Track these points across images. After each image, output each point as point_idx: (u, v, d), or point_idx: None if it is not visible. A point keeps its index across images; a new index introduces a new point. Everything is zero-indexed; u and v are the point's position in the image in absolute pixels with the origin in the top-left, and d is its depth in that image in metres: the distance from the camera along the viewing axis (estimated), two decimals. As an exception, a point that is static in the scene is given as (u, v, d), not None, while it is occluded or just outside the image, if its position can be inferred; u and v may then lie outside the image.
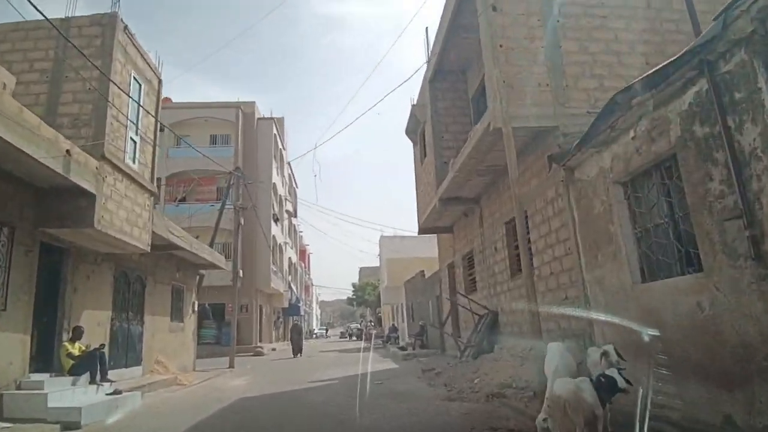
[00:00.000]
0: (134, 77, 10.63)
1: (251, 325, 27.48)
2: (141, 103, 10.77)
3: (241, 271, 19.57)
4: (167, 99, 32.58)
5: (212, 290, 27.59)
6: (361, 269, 73.18)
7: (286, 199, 36.09)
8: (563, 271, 7.79)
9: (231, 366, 17.54)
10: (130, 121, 10.33)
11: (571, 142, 7.34)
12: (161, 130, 12.82)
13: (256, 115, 31.24)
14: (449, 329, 16.16)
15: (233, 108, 30.29)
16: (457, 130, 12.82)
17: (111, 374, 10.15)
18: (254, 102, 31.29)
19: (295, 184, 43.75)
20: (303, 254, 51.91)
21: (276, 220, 31.38)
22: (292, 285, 38.21)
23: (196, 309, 16.99)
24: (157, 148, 11.46)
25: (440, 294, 17.65)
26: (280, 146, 34.33)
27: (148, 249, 10.84)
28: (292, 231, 41.27)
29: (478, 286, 12.71)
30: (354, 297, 53.47)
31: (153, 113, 11.19)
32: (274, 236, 30.71)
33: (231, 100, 31.01)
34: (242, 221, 19.96)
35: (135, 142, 10.54)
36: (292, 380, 12.91)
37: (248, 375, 15.16)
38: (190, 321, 16.43)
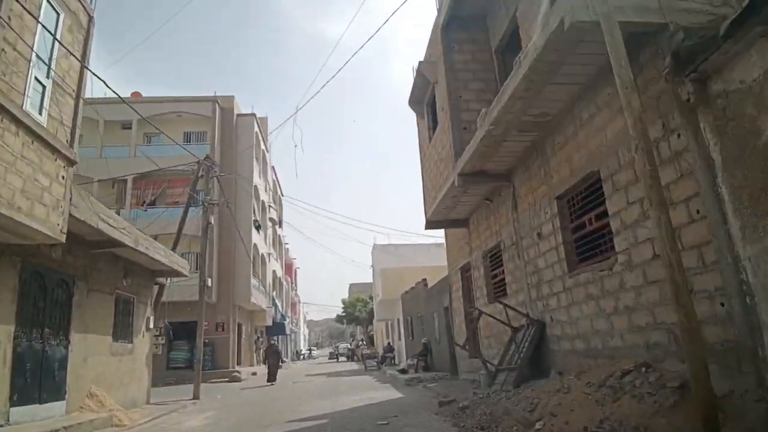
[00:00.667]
0: (49, 1, 7.71)
1: (228, 346, 24.17)
2: (59, 37, 7.82)
3: (209, 280, 16.44)
4: (137, 93, 29.65)
5: (183, 306, 24.34)
6: (352, 285, 70.00)
7: (269, 206, 33.05)
8: (686, 248, 4.90)
9: (195, 397, 14.29)
10: (37, 55, 7.37)
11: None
12: (128, 127, 9.98)
13: (236, 111, 28.35)
14: (466, 348, 13.17)
15: (210, 102, 27.42)
16: (478, 89, 10.04)
17: (14, 413, 7.12)
18: (233, 96, 28.45)
19: (280, 191, 40.73)
20: (289, 269, 48.62)
21: (258, 228, 28.29)
22: (276, 301, 34.94)
23: (151, 326, 13.79)
24: (81, 102, 8.45)
25: (450, 304, 14.67)
26: (263, 147, 31.41)
27: (62, 238, 7.78)
28: (277, 242, 38.12)
29: (510, 289, 9.79)
30: (344, 314, 50.05)
31: (76, 55, 8.22)
32: (255, 245, 27.59)
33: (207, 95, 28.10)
34: (212, 220, 16.91)
35: (43, 87, 7.56)
36: (266, 418, 9.79)
37: (213, 410, 11.96)
38: (144, 341, 13.22)
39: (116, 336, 11.63)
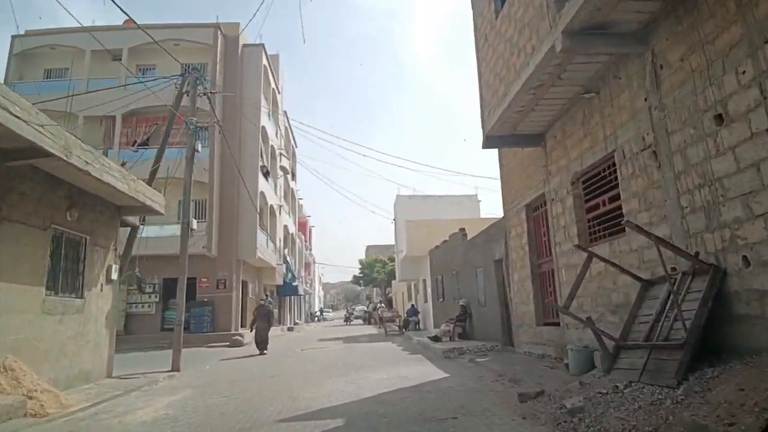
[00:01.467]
0: None
1: (230, 306, 21.20)
2: None
3: (194, 222, 13.13)
4: (129, 21, 26.00)
5: (176, 260, 21.37)
6: (369, 247, 67.07)
7: (280, 153, 29.59)
8: None
9: (174, 369, 11.19)
10: None
11: None
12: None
13: (241, 41, 24.54)
14: (521, 310, 9.77)
15: (211, 28, 23.64)
16: None
17: None
18: (238, 23, 24.56)
19: (294, 141, 37.17)
20: (303, 227, 45.53)
21: (266, 175, 24.90)
22: (288, 259, 31.92)
23: (114, 277, 10.58)
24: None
25: (506, 256, 11.18)
26: (273, 85, 27.68)
27: None
28: (290, 195, 34.82)
29: (637, 220, 6.16)
30: (361, 275, 47.12)
31: None
32: (263, 194, 24.27)
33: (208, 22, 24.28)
34: (198, 147, 13.73)
35: None
36: (259, 405, 6.57)
37: (191, 388, 8.80)
38: (103, 297, 10.05)
39: (54, 288, 8.43)
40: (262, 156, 25.14)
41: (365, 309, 52.25)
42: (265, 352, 15.18)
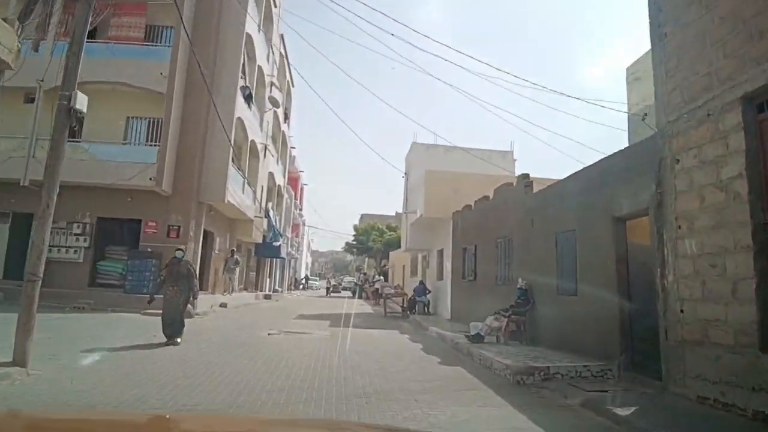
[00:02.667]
0: None
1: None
2: None
3: (83, 100, 7.42)
4: None
5: (119, 195, 16.02)
6: (363, 216, 61.78)
7: (272, 84, 23.89)
8: None
9: (17, 361, 5.87)
10: None
11: None
12: None
13: None
14: (701, 313, 4.48)
15: None
16: None
17: None
18: None
19: (290, 77, 31.36)
20: (294, 182, 40.00)
21: (248, 98, 19.28)
22: (271, 213, 26.56)
23: None
24: None
25: (660, 205, 5.85)
26: (267, -9, 21.82)
27: None
28: (280, 140, 29.21)
29: None
30: (354, 243, 41.90)
31: None
32: (241, 122, 18.72)
33: None
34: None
35: None
36: None
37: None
38: None
39: None
40: (244, 73, 19.48)
41: (355, 281, 47.31)
42: (178, 341, 8.51)
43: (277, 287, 31.68)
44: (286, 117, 30.69)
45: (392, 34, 13.77)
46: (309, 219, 62.27)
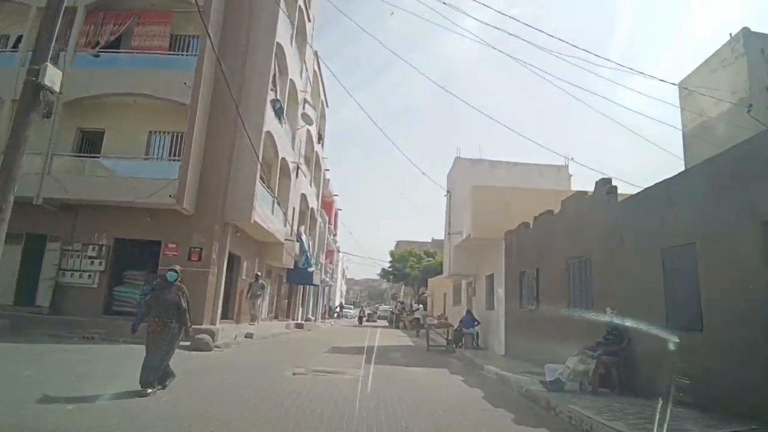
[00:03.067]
0: None
1: (204, 287, 14.35)
2: None
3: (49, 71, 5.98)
4: None
5: (138, 215, 14.85)
6: (399, 242, 59.88)
7: (305, 101, 22.75)
8: None
9: None
10: None
11: None
12: None
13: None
14: None
15: None
16: None
17: None
18: None
19: (324, 97, 30.38)
20: (329, 207, 38.74)
21: (278, 112, 18.04)
22: (304, 237, 25.11)
23: None
24: None
25: None
26: (301, 2, 20.83)
27: None
28: (314, 162, 28.01)
29: None
30: (390, 269, 40.00)
31: None
32: (271, 138, 17.44)
33: None
34: None
35: None
36: None
37: None
38: None
39: None
40: (275, 86, 18.33)
41: (391, 310, 45.17)
42: (158, 388, 6.41)
43: (309, 316, 30.00)
44: (320, 138, 29.53)
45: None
46: (343, 245, 60.93)
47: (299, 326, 24.83)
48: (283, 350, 13.48)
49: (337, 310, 54.30)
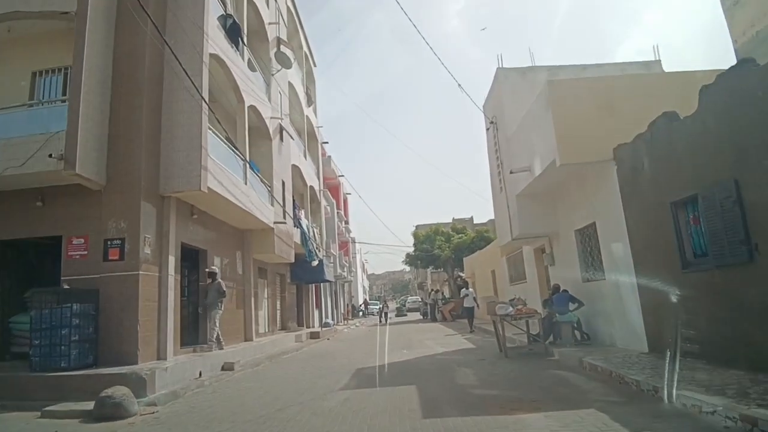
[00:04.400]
0: None
1: (134, 301, 8.74)
2: None
3: None
4: None
5: (19, 199, 9.01)
6: (418, 227, 54.06)
7: (279, 40, 17.00)
8: None
9: None
10: None
11: None
12: None
13: None
14: None
15: None
16: None
17: None
18: None
19: (310, 54, 24.62)
20: (335, 192, 33.09)
21: (232, 32, 12.30)
22: (304, 223, 19.50)
23: None
24: None
25: None
26: None
27: None
28: (305, 127, 22.31)
29: None
30: (416, 254, 34.23)
31: None
32: (222, 65, 11.77)
33: None
34: None
35: None
36: None
37: None
38: None
39: None
40: (224, 2, 12.62)
41: (423, 300, 39.46)
42: None
43: (327, 320, 24.43)
44: (310, 100, 23.81)
45: None
46: (358, 237, 55.22)
47: (314, 335, 19.25)
48: (270, 391, 7.83)
49: (362, 308, 48.77)
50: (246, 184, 12.54)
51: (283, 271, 19.26)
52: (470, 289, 16.98)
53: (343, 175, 34.26)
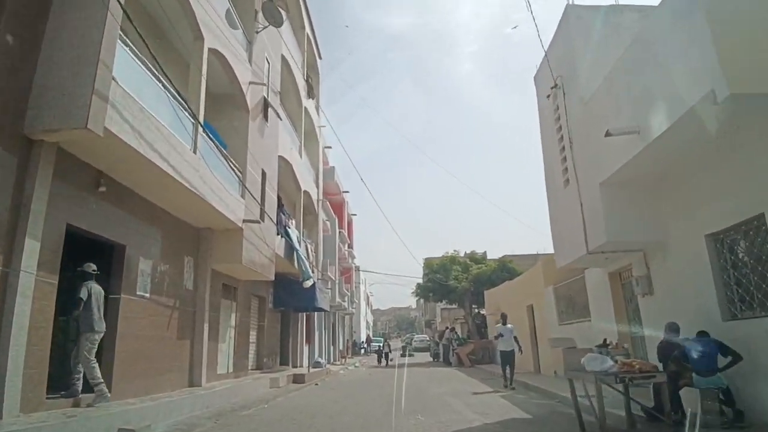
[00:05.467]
0: None
1: None
2: None
3: None
4: None
5: None
6: (427, 260, 49.17)
7: None
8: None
9: None
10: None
11: None
12: None
13: None
14: None
15: None
16: None
17: None
18: None
19: (314, 39, 21.16)
20: (339, 210, 29.09)
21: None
22: (294, 234, 15.42)
23: None
24: None
25: None
26: None
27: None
28: (303, 116, 18.50)
29: None
30: (428, 284, 29.75)
31: None
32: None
33: None
34: None
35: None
36: None
37: None
38: None
39: None
40: None
41: (434, 338, 34.72)
42: None
43: (318, 359, 19.94)
44: (311, 92, 20.10)
45: None
46: (363, 264, 50.80)
47: (298, 379, 14.81)
48: None
49: (364, 345, 43.94)
50: (195, 153, 8.54)
51: (262, 292, 15.05)
52: (509, 325, 12.53)
53: (347, 191, 30.35)
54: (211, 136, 9.47)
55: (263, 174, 12.54)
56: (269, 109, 13.18)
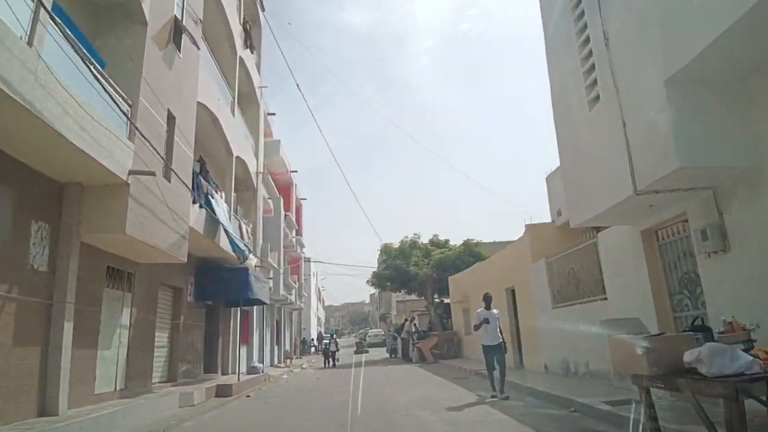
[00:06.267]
0: None
1: None
2: None
3: None
4: None
5: None
6: (385, 246, 46.15)
7: None
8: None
9: None
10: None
11: None
12: None
13: None
14: None
15: None
16: None
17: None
18: None
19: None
20: (287, 192, 25.74)
21: None
22: (220, 205, 12.20)
23: None
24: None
25: None
26: None
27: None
28: (236, 68, 15.17)
29: None
30: (386, 271, 26.85)
31: None
32: None
33: None
34: None
35: None
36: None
37: None
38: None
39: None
40: None
41: (391, 332, 32.02)
42: None
43: (255, 363, 16.67)
44: (249, 42, 16.75)
45: None
46: (315, 256, 47.39)
47: (223, 392, 11.55)
48: None
49: (314, 343, 40.68)
50: (31, 47, 5.26)
51: (178, 281, 11.71)
52: (494, 310, 9.60)
53: (296, 171, 27.01)
54: (73, 36, 6.17)
55: (170, 117, 9.25)
56: (183, 36, 9.88)
